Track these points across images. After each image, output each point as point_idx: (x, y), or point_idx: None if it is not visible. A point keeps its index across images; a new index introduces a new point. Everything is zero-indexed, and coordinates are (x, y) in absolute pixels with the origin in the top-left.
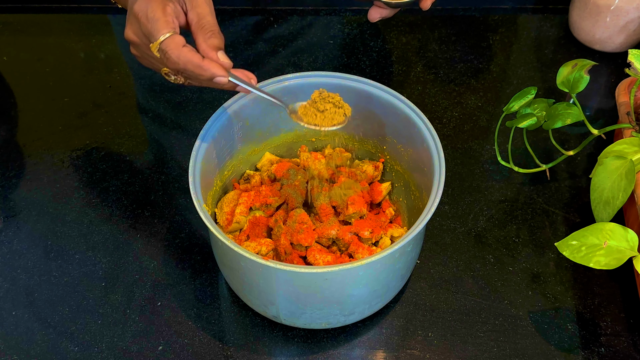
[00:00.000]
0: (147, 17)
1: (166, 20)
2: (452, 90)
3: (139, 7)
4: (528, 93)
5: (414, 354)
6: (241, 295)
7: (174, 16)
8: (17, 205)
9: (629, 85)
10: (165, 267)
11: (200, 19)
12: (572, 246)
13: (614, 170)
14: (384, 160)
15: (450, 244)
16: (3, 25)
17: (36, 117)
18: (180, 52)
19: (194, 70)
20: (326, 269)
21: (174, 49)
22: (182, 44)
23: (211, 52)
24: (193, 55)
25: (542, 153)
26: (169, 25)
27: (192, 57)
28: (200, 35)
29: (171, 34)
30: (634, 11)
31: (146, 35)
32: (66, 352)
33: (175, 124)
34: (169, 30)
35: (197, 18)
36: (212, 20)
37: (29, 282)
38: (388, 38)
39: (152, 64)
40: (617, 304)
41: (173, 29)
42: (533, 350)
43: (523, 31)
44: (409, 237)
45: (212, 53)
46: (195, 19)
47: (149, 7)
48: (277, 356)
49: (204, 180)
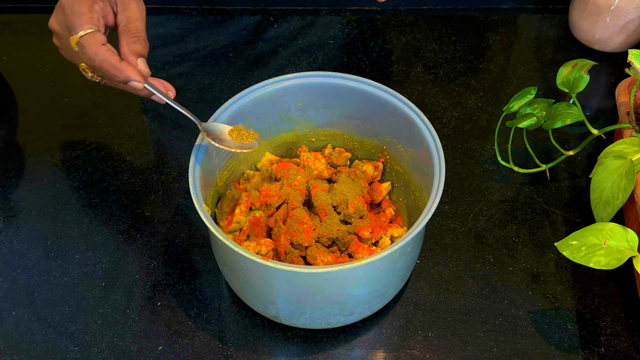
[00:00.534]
0: (72, 10)
1: (90, 17)
2: (452, 90)
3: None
4: (528, 93)
5: (414, 354)
6: (241, 295)
7: (101, 15)
8: (17, 205)
9: (629, 85)
10: (165, 267)
11: (129, 23)
12: (572, 246)
13: (614, 170)
14: (384, 160)
15: (450, 244)
16: (3, 25)
17: (36, 117)
18: (98, 49)
19: (109, 70)
20: (326, 269)
21: (92, 45)
22: (102, 42)
23: (131, 57)
24: (110, 55)
25: (542, 153)
26: (92, 21)
27: (109, 57)
28: (124, 38)
29: (92, 31)
30: (634, 11)
31: (67, 27)
32: (66, 352)
33: (175, 124)
34: (91, 26)
35: (125, 21)
36: (140, 25)
37: (29, 282)
38: (388, 38)
39: (72, 57)
40: (617, 304)
41: (96, 26)
42: (533, 350)
43: (523, 31)
44: (409, 237)
45: (132, 58)
46: (124, 22)
47: (76, 1)
48: (277, 356)
49: (204, 180)
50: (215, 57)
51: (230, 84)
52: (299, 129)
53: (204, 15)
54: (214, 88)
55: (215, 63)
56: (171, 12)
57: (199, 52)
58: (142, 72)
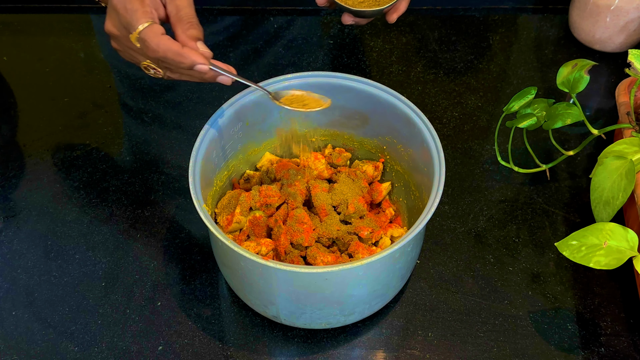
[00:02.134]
0: (125, 9)
1: (144, 11)
2: (452, 90)
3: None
4: (528, 93)
5: (414, 354)
6: (241, 295)
7: (152, 7)
8: (17, 205)
9: (629, 85)
10: (165, 267)
11: (179, 11)
12: (572, 246)
13: (614, 170)
14: (384, 160)
15: (450, 244)
16: (3, 25)
17: (36, 117)
18: (160, 39)
19: (174, 58)
20: (326, 269)
21: (153, 37)
22: (161, 32)
23: (190, 42)
24: (172, 43)
25: (542, 153)
26: (147, 15)
27: (172, 44)
28: (179, 26)
29: (150, 24)
30: (634, 11)
31: (125, 27)
32: (66, 352)
33: (175, 124)
34: (148, 19)
35: (175, 10)
36: (190, 11)
37: (29, 282)
38: (388, 38)
39: (133, 57)
40: (617, 304)
41: (152, 19)
42: (533, 350)
43: (523, 31)
44: (409, 237)
45: (192, 43)
46: (174, 11)
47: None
48: (277, 356)
49: (204, 180)
50: (215, 57)
51: (230, 84)
52: (299, 129)
53: (204, 15)
54: (214, 88)
55: None
56: None
57: None
58: (204, 54)
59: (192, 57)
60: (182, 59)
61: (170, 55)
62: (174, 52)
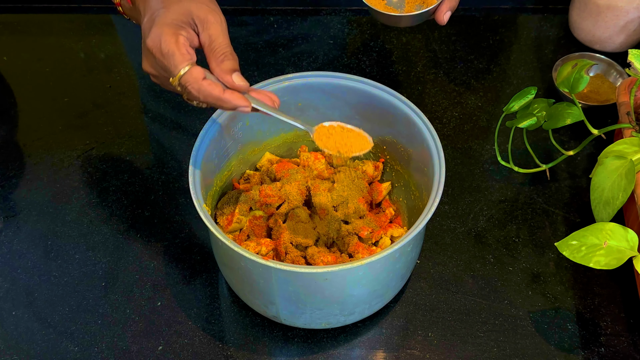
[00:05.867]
0: (161, 53)
1: (181, 54)
2: (452, 90)
3: (152, 43)
4: (528, 93)
5: (414, 354)
6: (241, 295)
7: (188, 45)
8: (17, 205)
9: (629, 85)
10: (165, 267)
11: (212, 42)
12: (572, 246)
13: (614, 170)
14: (384, 160)
15: (450, 244)
16: (3, 25)
17: (36, 117)
18: (200, 86)
19: (216, 102)
20: (326, 269)
21: (193, 83)
22: (202, 77)
23: (226, 76)
24: (213, 88)
25: (542, 153)
26: (185, 58)
27: (212, 90)
28: (213, 59)
29: (189, 68)
30: (634, 11)
31: (164, 70)
32: (66, 352)
33: (175, 124)
34: (186, 63)
35: (209, 41)
36: (224, 41)
37: (29, 282)
38: (388, 38)
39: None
40: (617, 304)
41: (190, 61)
42: (533, 350)
43: (523, 31)
44: (409, 237)
45: (228, 77)
46: (207, 42)
47: (162, 42)
48: (277, 356)
49: (204, 180)
50: None
51: None
52: (299, 129)
53: None
54: None
55: None
56: None
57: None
58: (240, 88)
59: (234, 102)
60: (222, 104)
61: (211, 100)
62: (215, 98)
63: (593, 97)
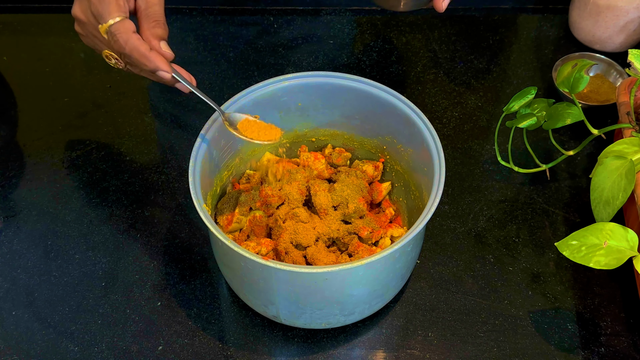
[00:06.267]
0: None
1: (118, 4)
2: (452, 90)
3: None
4: (528, 93)
5: (414, 354)
6: (241, 295)
7: (126, 1)
8: (17, 205)
9: (629, 85)
10: (165, 267)
11: (148, 7)
12: (572, 246)
13: (614, 170)
14: (384, 160)
15: (450, 244)
16: (3, 25)
17: (36, 117)
18: (129, 37)
19: (139, 58)
20: (326, 269)
21: (123, 33)
22: (132, 30)
23: (154, 41)
24: (141, 43)
25: (542, 153)
26: (120, 9)
27: (139, 45)
28: (145, 22)
29: (122, 18)
30: (634, 11)
31: (95, 16)
32: (66, 352)
33: (176, 123)
34: (120, 14)
35: (144, 5)
36: (159, 10)
37: (29, 282)
38: (388, 38)
39: (95, 45)
40: (617, 304)
41: (124, 13)
42: (533, 350)
43: (523, 31)
44: (409, 237)
45: (155, 42)
46: (143, 6)
47: None
48: (277, 356)
49: (204, 180)
50: (215, 57)
51: (230, 84)
52: (299, 129)
53: (204, 15)
54: (214, 88)
55: (215, 63)
56: (171, 12)
57: (199, 52)
58: (165, 55)
59: (157, 62)
60: (146, 61)
61: (136, 55)
62: (140, 54)
63: (593, 97)
